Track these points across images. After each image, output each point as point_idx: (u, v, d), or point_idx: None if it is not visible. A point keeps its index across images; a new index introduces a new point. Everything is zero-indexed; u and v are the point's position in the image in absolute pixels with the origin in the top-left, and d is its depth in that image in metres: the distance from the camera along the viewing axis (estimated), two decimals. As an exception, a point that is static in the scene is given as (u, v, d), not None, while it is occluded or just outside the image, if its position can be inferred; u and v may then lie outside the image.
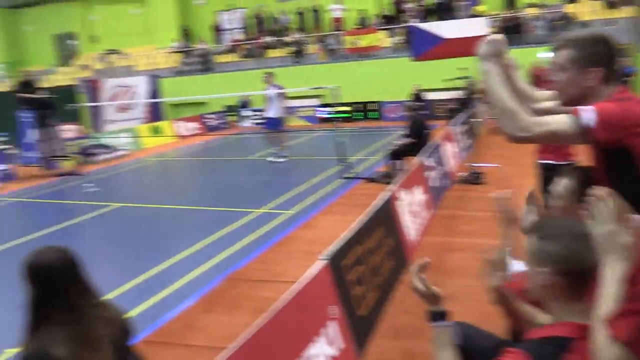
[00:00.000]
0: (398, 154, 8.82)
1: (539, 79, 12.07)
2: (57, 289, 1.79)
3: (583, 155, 2.42)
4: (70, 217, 8.38)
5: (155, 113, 20.98)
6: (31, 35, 31.22)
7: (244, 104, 20.76)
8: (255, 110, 19.87)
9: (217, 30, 25.37)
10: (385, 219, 4.78)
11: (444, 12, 19.38)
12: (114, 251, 6.62)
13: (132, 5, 27.81)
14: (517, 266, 2.42)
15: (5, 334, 4.52)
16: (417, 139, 8.63)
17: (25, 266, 1.81)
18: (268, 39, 23.03)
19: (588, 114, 1.81)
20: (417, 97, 15.97)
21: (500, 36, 2.15)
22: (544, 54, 14.91)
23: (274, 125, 12.11)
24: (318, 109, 19.77)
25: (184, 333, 4.21)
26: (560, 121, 1.86)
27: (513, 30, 17.64)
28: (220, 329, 4.23)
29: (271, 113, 12.04)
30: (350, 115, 18.80)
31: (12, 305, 5.15)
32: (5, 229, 8.34)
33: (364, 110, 19.34)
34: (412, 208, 5.76)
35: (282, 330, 2.71)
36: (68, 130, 16.05)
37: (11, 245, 7.09)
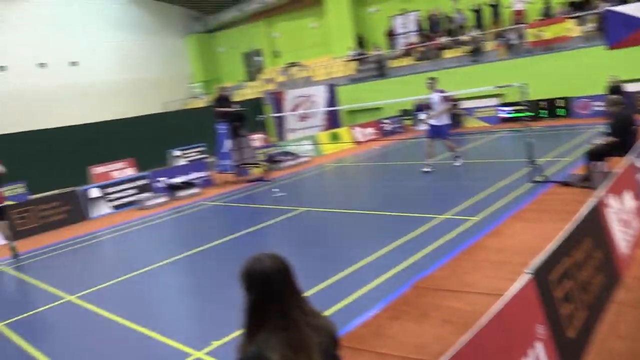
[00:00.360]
0: (598, 155, 7.88)
1: None
2: (273, 295, 1.83)
3: None
4: (262, 220, 9.02)
5: (333, 120, 21.79)
6: (224, 55, 34.83)
7: (420, 108, 20.50)
8: (431, 113, 19.52)
9: (391, 35, 25.49)
10: (593, 228, 4.25)
11: (647, -9, 17.03)
12: (303, 254, 6.87)
13: (310, 20, 29.38)
14: None
15: (212, 327, 4.95)
16: (622, 137, 7.61)
17: (243, 273, 1.87)
18: (443, 39, 22.49)
19: None
20: (615, 89, 14.23)
21: None
22: None
23: (437, 132, 11.41)
24: (499, 108, 18.74)
25: (373, 340, 4.19)
26: None
27: None
28: (409, 338, 4.12)
29: (435, 120, 11.47)
30: (535, 113, 17.45)
31: (217, 300, 5.66)
32: (208, 229, 9.26)
33: (551, 108, 17.81)
34: (622, 216, 5.06)
35: (487, 348, 2.51)
36: (256, 140, 17.45)
37: (215, 244, 7.84)
